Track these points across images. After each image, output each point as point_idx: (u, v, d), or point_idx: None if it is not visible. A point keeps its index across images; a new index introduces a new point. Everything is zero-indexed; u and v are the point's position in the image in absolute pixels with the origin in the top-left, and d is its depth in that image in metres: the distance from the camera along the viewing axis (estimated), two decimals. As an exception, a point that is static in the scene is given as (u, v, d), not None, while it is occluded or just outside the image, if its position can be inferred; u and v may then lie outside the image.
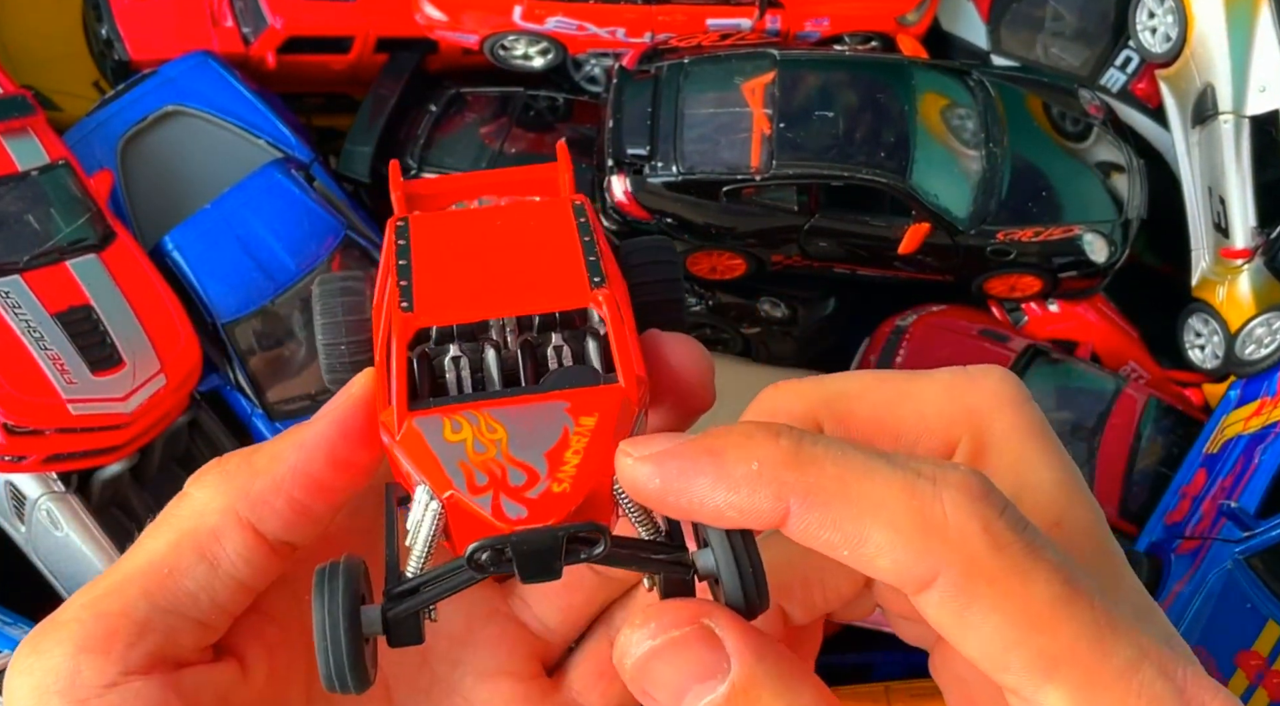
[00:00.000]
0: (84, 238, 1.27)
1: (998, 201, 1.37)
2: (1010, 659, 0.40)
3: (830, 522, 0.42)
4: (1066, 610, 0.41)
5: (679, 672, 0.42)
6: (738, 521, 0.43)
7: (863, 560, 0.41)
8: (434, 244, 0.53)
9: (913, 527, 0.41)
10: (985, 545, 0.41)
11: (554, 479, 0.45)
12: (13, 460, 1.18)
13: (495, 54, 1.52)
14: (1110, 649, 0.41)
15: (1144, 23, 1.47)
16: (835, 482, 0.42)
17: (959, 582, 0.40)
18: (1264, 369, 1.38)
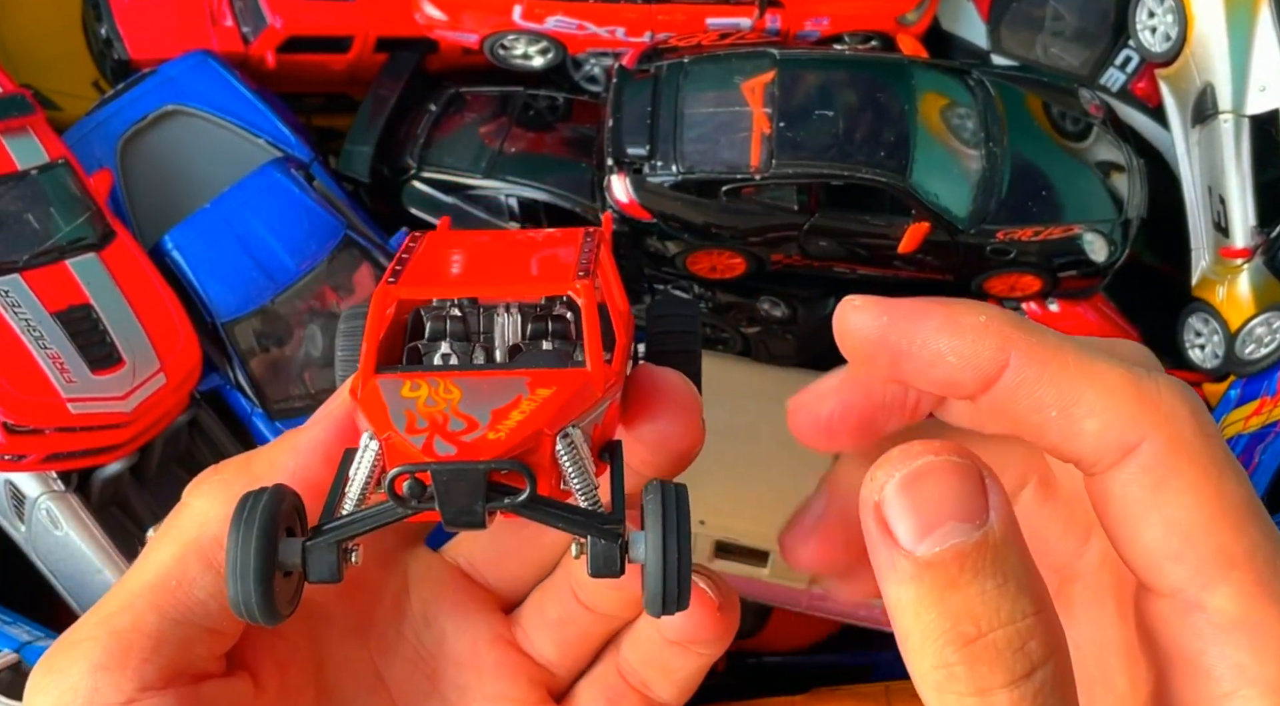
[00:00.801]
0: (84, 237, 1.27)
1: (997, 201, 1.37)
2: (1189, 549, 0.40)
3: (1047, 378, 0.43)
4: (1254, 516, 0.41)
5: (937, 502, 0.41)
6: (953, 368, 0.43)
7: (1071, 420, 0.42)
8: (442, 247, 0.54)
9: (1128, 394, 0.42)
10: (1193, 428, 0.42)
11: (492, 428, 0.45)
12: (12, 459, 1.18)
13: (495, 53, 1.52)
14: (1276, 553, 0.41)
15: (1144, 22, 1.47)
16: (1056, 347, 0.43)
17: (1163, 454, 0.41)
18: (1264, 368, 1.38)
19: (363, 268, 1.39)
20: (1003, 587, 0.40)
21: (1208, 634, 0.41)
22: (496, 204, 1.46)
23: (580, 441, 0.47)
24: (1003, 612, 0.40)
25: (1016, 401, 0.44)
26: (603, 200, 1.38)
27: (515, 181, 1.45)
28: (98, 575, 1.24)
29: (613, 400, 0.50)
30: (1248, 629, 0.41)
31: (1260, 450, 1.29)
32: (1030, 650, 0.40)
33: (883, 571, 0.42)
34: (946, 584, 0.40)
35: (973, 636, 0.40)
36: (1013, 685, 0.40)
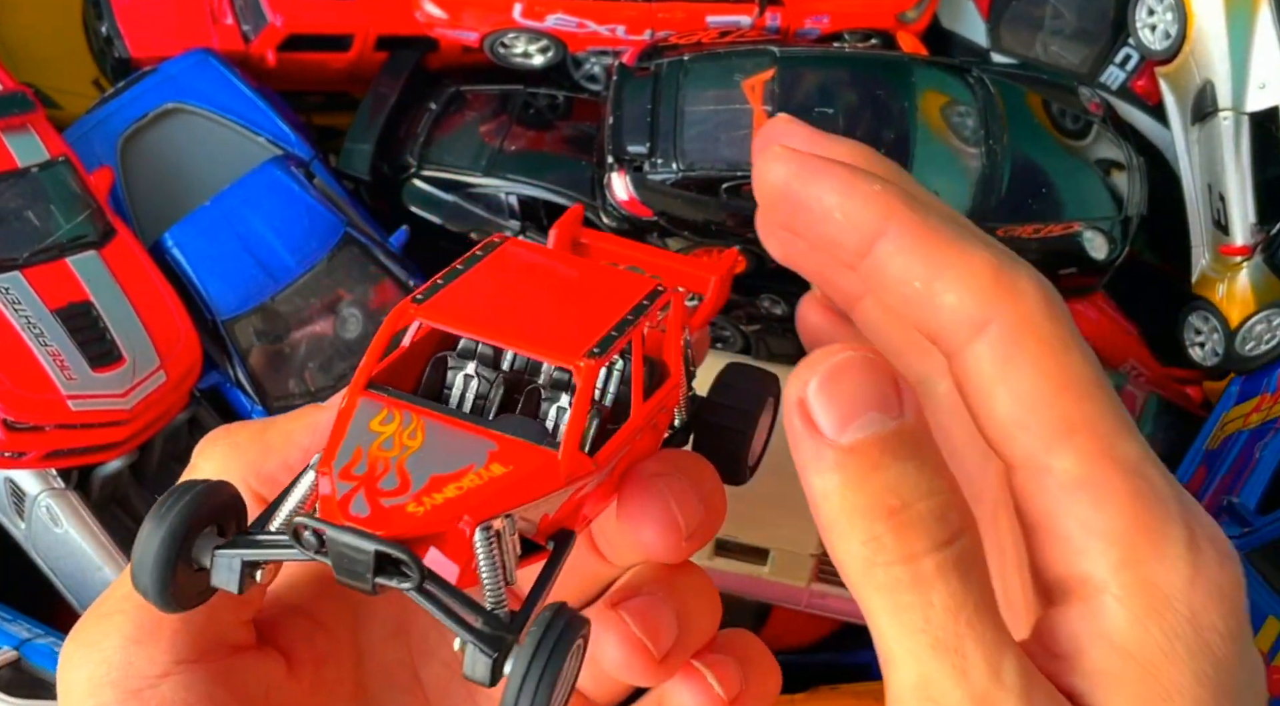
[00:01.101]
0: (84, 234, 1.27)
1: (997, 198, 1.37)
2: (1033, 418, 0.44)
3: (918, 251, 0.46)
4: (1095, 389, 0.45)
5: (857, 394, 0.44)
6: (837, 226, 0.47)
7: (932, 293, 0.46)
8: (500, 268, 0.53)
9: (986, 275, 0.46)
10: (1042, 310, 0.45)
11: (417, 499, 0.44)
12: (12, 456, 1.18)
13: (495, 52, 1.52)
14: (1124, 436, 0.45)
15: (1143, 20, 1.47)
16: (935, 226, 0.47)
17: (1011, 331, 0.45)
18: (1264, 365, 1.38)
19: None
20: (921, 468, 0.43)
21: (1055, 495, 0.45)
22: (497, 202, 1.46)
23: (506, 534, 0.46)
24: (923, 487, 0.43)
25: (887, 269, 0.47)
26: (603, 198, 1.38)
27: (515, 179, 1.45)
28: (98, 573, 1.24)
29: (580, 491, 0.49)
30: (1090, 486, 0.44)
31: (1260, 447, 1.29)
32: (950, 520, 0.43)
33: (808, 465, 0.45)
34: (870, 466, 0.43)
35: (897, 508, 0.43)
36: (937, 549, 0.42)
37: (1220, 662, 0.43)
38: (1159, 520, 0.44)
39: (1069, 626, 0.44)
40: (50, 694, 1.18)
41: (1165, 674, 0.43)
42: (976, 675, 0.41)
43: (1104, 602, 0.43)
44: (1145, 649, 0.43)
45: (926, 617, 0.42)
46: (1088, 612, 0.44)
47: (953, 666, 0.42)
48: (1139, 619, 0.43)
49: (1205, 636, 0.43)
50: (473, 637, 0.44)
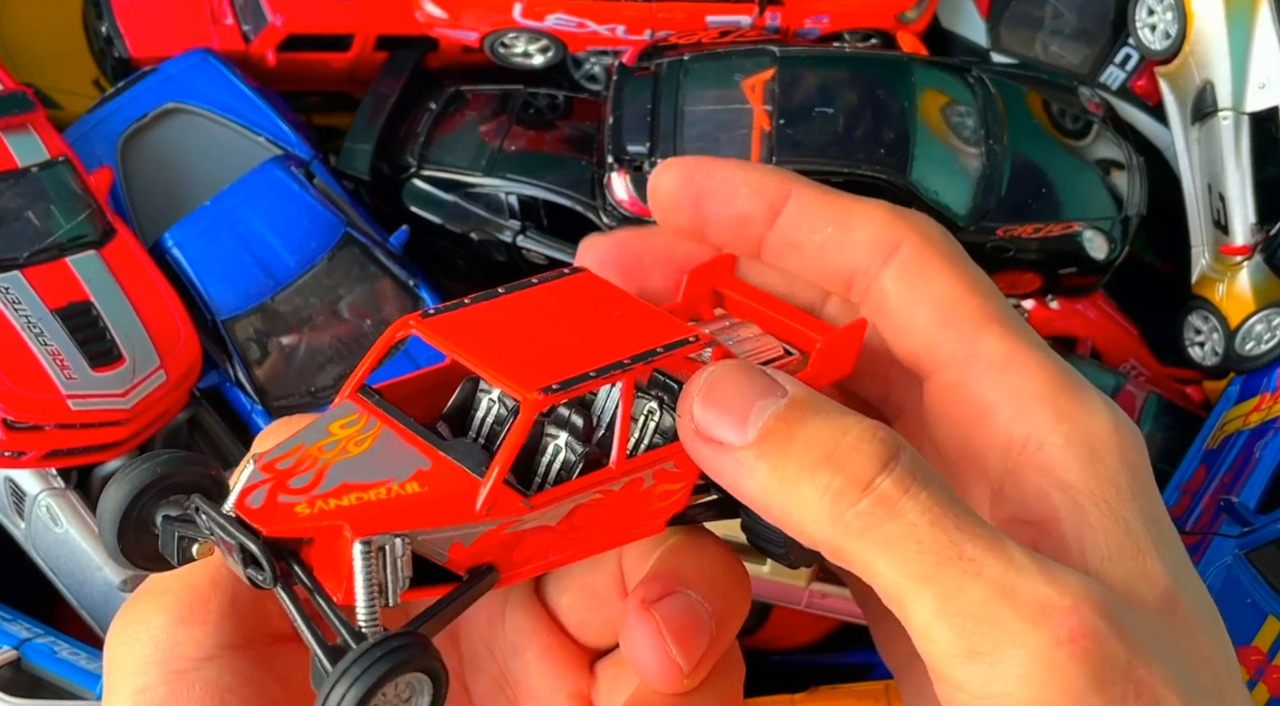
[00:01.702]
0: (84, 234, 1.27)
1: (997, 198, 1.37)
2: (955, 315, 0.49)
3: (824, 204, 0.51)
4: (996, 293, 0.50)
5: (738, 395, 0.46)
6: (746, 200, 0.52)
7: (845, 232, 0.51)
8: (541, 296, 0.52)
9: (886, 209, 0.51)
10: (936, 232, 0.51)
11: (310, 501, 0.44)
12: (12, 456, 1.18)
13: (495, 51, 1.52)
14: (1027, 327, 0.50)
15: (1143, 20, 1.47)
16: (826, 187, 0.52)
17: (919, 247, 0.50)
18: (1264, 365, 1.38)
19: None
20: (829, 416, 0.45)
21: (984, 375, 0.48)
22: (497, 202, 1.46)
23: (393, 553, 0.44)
24: (840, 427, 0.44)
25: (800, 223, 0.52)
26: (603, 198, 1.38)
27: (515, 179, 1.46)
28: (98, 572, 1.24)
29: (508, 528, 0.46)
30: (1015, 361, 0.48)
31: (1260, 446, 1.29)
32: (882, 437, 0.44)
33: (735, 480, 0.46)
34: (784, 440, 0.44)
35: (828, 452, 0.44)
36: (887, 468, 0.43)
37: (1150, 494, 0.47)
38: (1077, 384, 0.48)
39: (1030, 488, 0.47)
40: (50, 693, 1.18)
41: (1118, 507, 0.45)
42: (991, 570, 0.41)
43: (1051, 453, 0.46)
44: (1097, 485, 0.46)
45: (917, 538, 0.42)
46: (1041, 466, 0.47)
47: (964, 571, 0.41)
48: (1085, 461, 0.46)
49: (1135, 473, 0.47)
50: (316, 647, 0.43)
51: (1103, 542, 0.45)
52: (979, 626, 0.41)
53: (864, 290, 0.52)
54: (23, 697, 1.16)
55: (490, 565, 0.48)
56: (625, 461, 0.48)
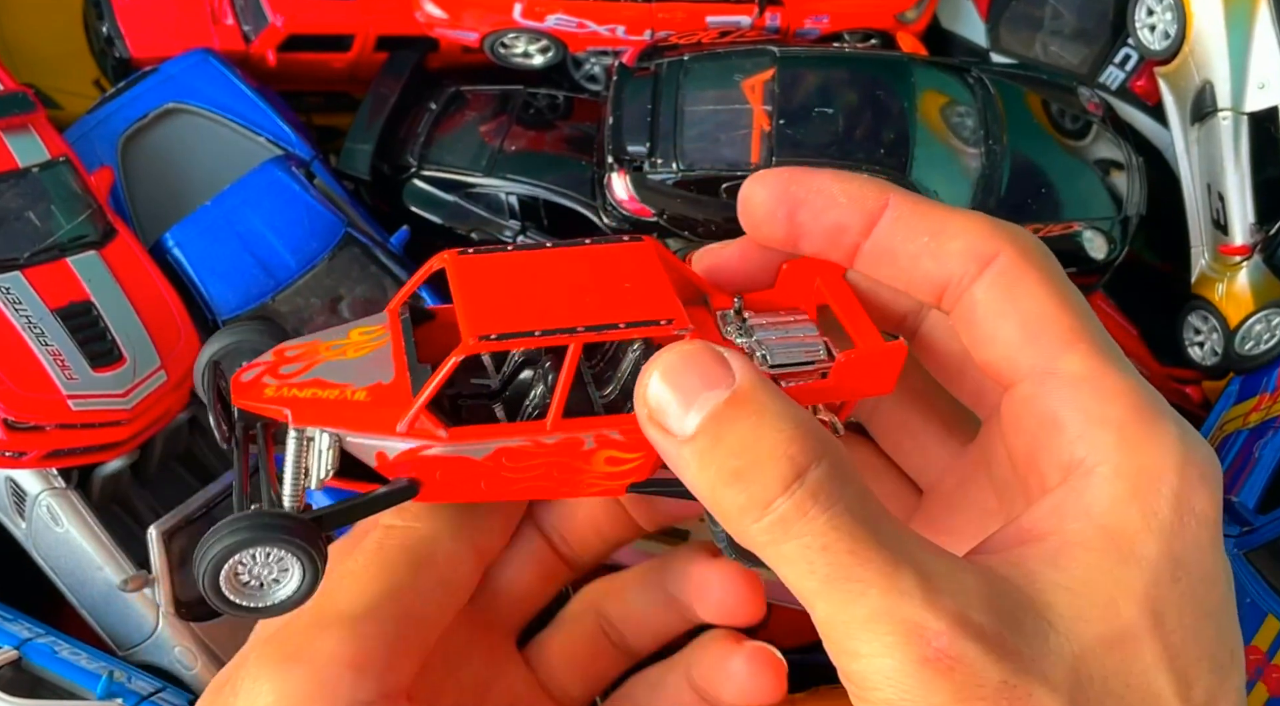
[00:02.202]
0: (85, 234, 1.27)
1: (997, 198, 1.37)
2: (1042, 331, 0.49)
3: (920, 213, 0.51)
4: (1089, 313, 0.51)
5: (689, 382, 0.47)
6: (843, 209, 0.52)
7: (940, 242, 0.51)
8: (580, 256, 0.56)
9: (983, 220, 0.51)
10: (1038, 246, 0.51)
11: (280, 385, 0.53)
12: (13, 456, 1.18)
13: (495, 52, 1.52)
14: (1117, 350, 0.50)
15: (1143, 20, 1.47)
16: (923, 198, 0.52)
17: (1015, 261, 0.50)
18: (1263, 365, 1.38)
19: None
20: (758, 421, 0.45)
21: (1059, 392, 0.48)
22: (497, 202, 1.47)
23: (321, 445, 0.52)
24: (760, 438, 0.45)
25: (895, 232, 0.52)
26: (603, 198, 1.38)
27: (515, 179, 1.46)
28: (98, 572, 1.24)
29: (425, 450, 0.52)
30: (1091, 381, 0.48)
31: (1259, 446, 1.29)
32: (793, 455, 0.45)
33: (675, 468, 0.48)
34: (713, 441, 0.46)
35: (741, 466, 0.45)
36: (788, 491, 0.44)
37: (1193, 541, 0.45)
38: (1155, 412, 0.47)
39: (1054, 505, 0.47)
40: (51, 693, 1.18)
41: (1132, 543, 0.45)
42: (872, 595, 0.43)
43: (1093, 480, 0.46)
44: (1121, 521, 0.45)
45: (808, 559, 0.44)
46: (1074, 491, 0.46)
47: (847, 593, 0.43)
48: (1124, 496, 0.45)
49: (1184, 516, 0.45)
50: (235, 504, 0.52)
51: (1069, 589, 0.45)
52: (860, 636, 0.43)
53: (955, 299, 0.52)
54: (23, 697, 1.17)
55: (413, 480, 0.53)
56: (560, 421, 0.52)
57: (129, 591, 1.23)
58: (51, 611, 1.30)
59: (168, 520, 1.25)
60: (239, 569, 0.51)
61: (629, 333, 0.52)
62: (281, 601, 0.52)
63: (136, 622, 1.25)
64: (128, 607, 1.24)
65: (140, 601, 1.24)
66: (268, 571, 0.51)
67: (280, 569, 0.51)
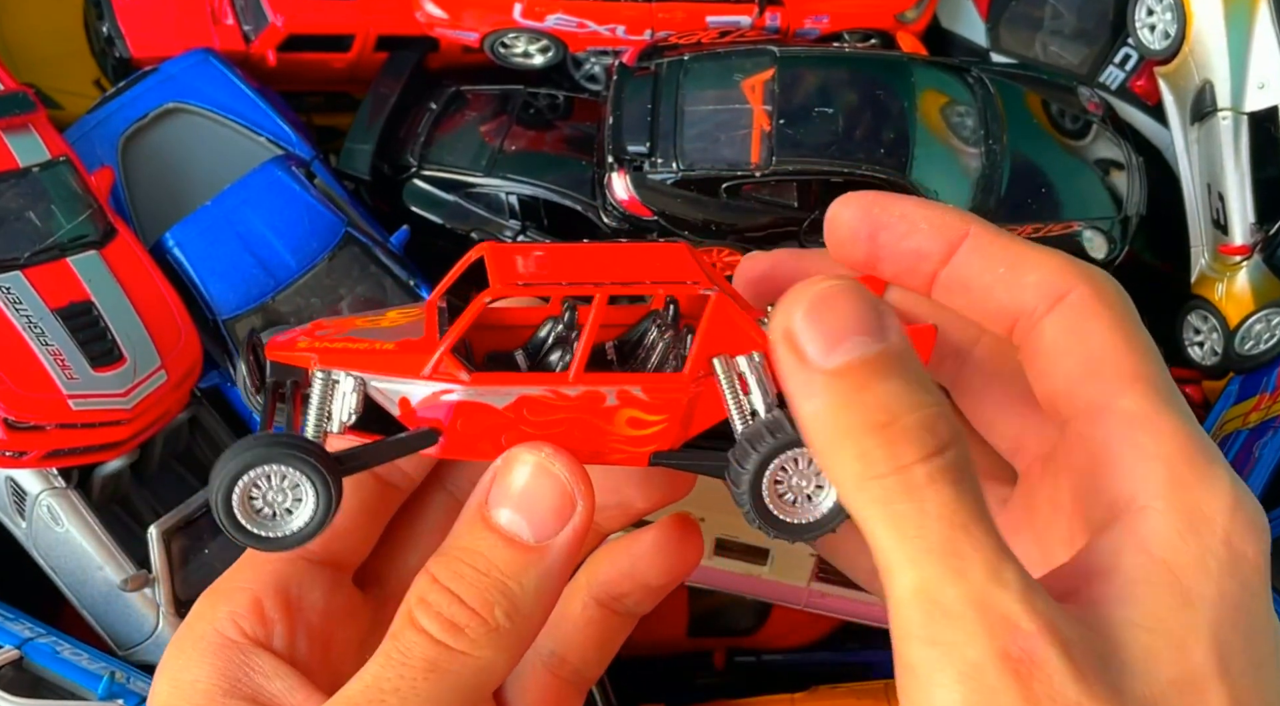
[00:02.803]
0: (85, 234, 1.27)
1: (997, 198, 1.37)
2: (1104, 367, 0.49)
3: (1000, 245, 0.52)
4: (1155, 355, 0.50)
5: (841, 319, 0.46)
6: (925, 235, 0.52)
7: (1017, 274, 0.51)
8: (611, 250, 0.57)
9: (1061, 257, 0.51)
10: (1114, 287, 0.51)
11: (313, 341, 0.55)
12: (13, 455, 1.18)
13: (495, 52, 1.52)
14: (1177, 395, 0.50)
15: (1143, 20, 1.47)
16: (1003, 230, 0.53)
17: (1087, 299, 0.50)
18: (1262, 364, 1.38)
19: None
20: (909, 385, 0.45)
21: (1116, 429, 0.48)
22: (497, 202, 1.47)
23: (345, 389, 0.53)
24: (911, 402, 0.45)
25: (973, 262, 0.52)
26: (603, 198, 1.38)
27: (516, 179, 1.46)
28: (98, 571, 1.25)
29: (448, 395, 0.53)
30: (1149, 421, 0.48)
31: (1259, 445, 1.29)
32: (939, 430, 0.45)
33: (797, 393, 0.47)
34: (857, 386, 0.45)
35: (886, 422, 0.45)
36: (927, 459, 0.44)
37: (1246, 586, 0.45)
38: (1208, 457, 0.47)
39: (1110, 542, 0.47)
40: (51, 693, 1.18)
41: (1192, 583, 0.45)
42: (975, 576, 0.42)
43: (1148, 517, 0.46)
44: (1179, 558, 0.45)
45: (921, 524, 0.43)
46: (1130, 528, 0.46)
47: (950, 568, 0.43)
48: (1179, 532, 0.45)
49: (1237, 560, 0.45)
50: (259, 428, 0.53)
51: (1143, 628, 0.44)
52: (944, 618, 0.43)
53: (1026, 332, 0.52)
54: (24, 697, 1.17)
55: (434, 429, 0.54)
56: (583, 373, 0.53)
57: (129, 591, 1.23)
58: (52, 611, 1.30)
59: (168, 520, 1.26)
60: (253, 491, 0.51)
61: (653, 288, 0.54)
62: (293, 533, 0.52)
63: (136, 622, 1.25)
64: (128, 607, 1.24)
65: (140, 601, 1.24)
66: (282, 498, 0.52)
67: (295, 497, 0.52)
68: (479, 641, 0.50)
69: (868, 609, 1.34)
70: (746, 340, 0.53)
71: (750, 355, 0.53)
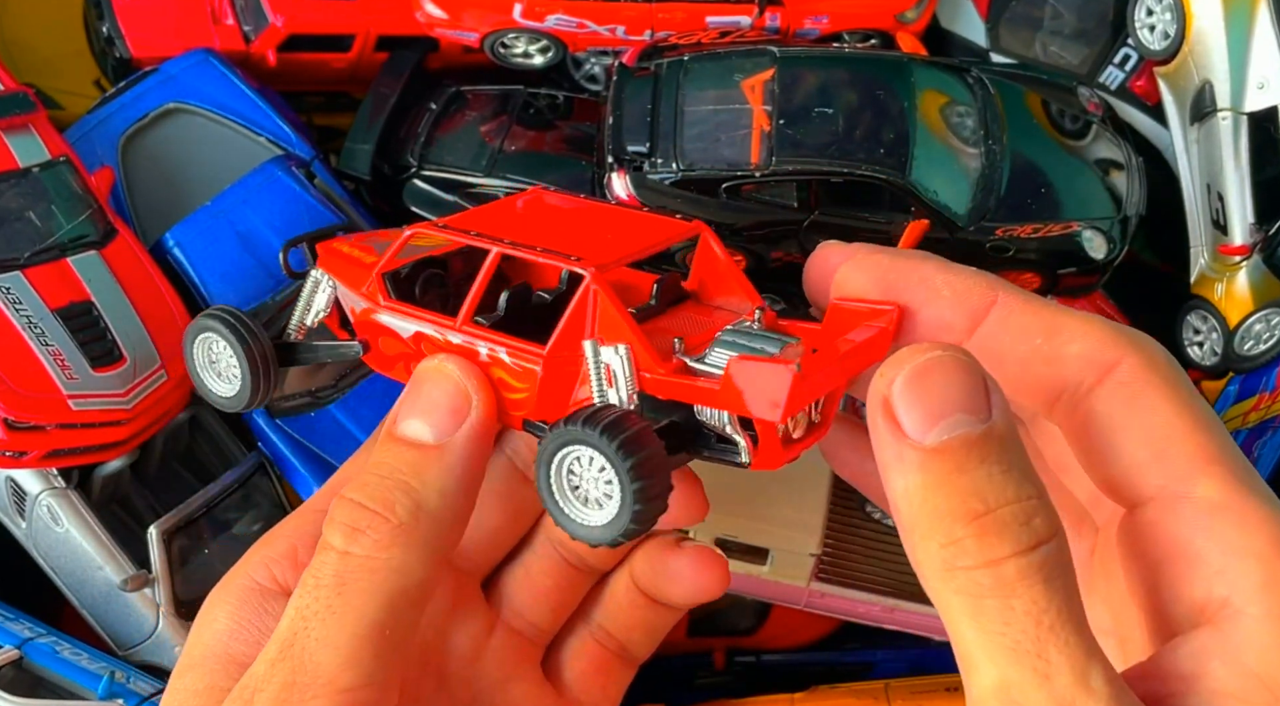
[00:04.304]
0: (85, 234, 1.27)
1: (996, 198, 1.37)
2: (1171, 449, 0.44)
3: (1032, 311, 0.48)
4: (1222, 428, 0.45)
5: (944, 394, 0.43)
6: (947, 303, 0.48)
7: (1056, 344, 0.46)
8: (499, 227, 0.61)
9: (1103, 325, 0.47)
10: (1163, 353, 0.47)
11: (349, 247, 0.64)
12: (13, 456, 1.18)
13: (495, 52, 1.52)
14: (1253, 471, 0.45)
15: (1142, 20, 1.47)
16: (1033, 295, 0.48)
17: (1139, 370, 0.45)
18: (1262, 364, 1.38)
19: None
20: (1008, 472, 0.42)
21: (1195, 520, 0.44)
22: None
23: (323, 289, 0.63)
24: (1009, 492, 0.42)
25: (1005, 333, 0.48)
26: (603, 198, 1.38)
27: (516, 179, 1.46)
28: (98, 571, 1.25)
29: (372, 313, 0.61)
30: (1231, 510, 0.43)
31: (1259, 445, 1.29)
32: (1036, 525, 0.42)
33: (889, 465, 0.44)
34: (954, 468, 0.42)
35: (981, 511, 0.42)
36: (1020, 554, 0.42)
37: None
38: None
39: (1196, 648, 0.43)
40: (51, 693, 1.18)
41: None
42: (1061, 680, 0.40)
43: (1241, 623, 0.42)
44: (1277, 672, 0.41)
45: (1007, 621, 0.41)
46: (1220, 633, 0.43)
47: (1034, 670, 0.40)
48: (1277, 644, 0.42)
49: None
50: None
51: None
52: None
53: (1071, 408, 0.48)
54: (24, 697, 1.17)
55: (365, 341, 0.62)
56: (468, 321, 0.57)
57: (129, 591, 1.23)
58: (51, 611, 1.30)
59: (168, 520, 1.26)
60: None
61: (542, 258, 0.55)
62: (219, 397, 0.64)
63: (136, 622, 1.25)
64: (128, 607, 1.25)
65: (140, 601, 1.24)
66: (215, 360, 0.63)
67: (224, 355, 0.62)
68: (383, 541, 0.49)
69: (868, 609, 1.34)
70: (618, 331, 0.53)
71: (617, 347, 0.52)
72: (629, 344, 0.52)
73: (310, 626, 0.48)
